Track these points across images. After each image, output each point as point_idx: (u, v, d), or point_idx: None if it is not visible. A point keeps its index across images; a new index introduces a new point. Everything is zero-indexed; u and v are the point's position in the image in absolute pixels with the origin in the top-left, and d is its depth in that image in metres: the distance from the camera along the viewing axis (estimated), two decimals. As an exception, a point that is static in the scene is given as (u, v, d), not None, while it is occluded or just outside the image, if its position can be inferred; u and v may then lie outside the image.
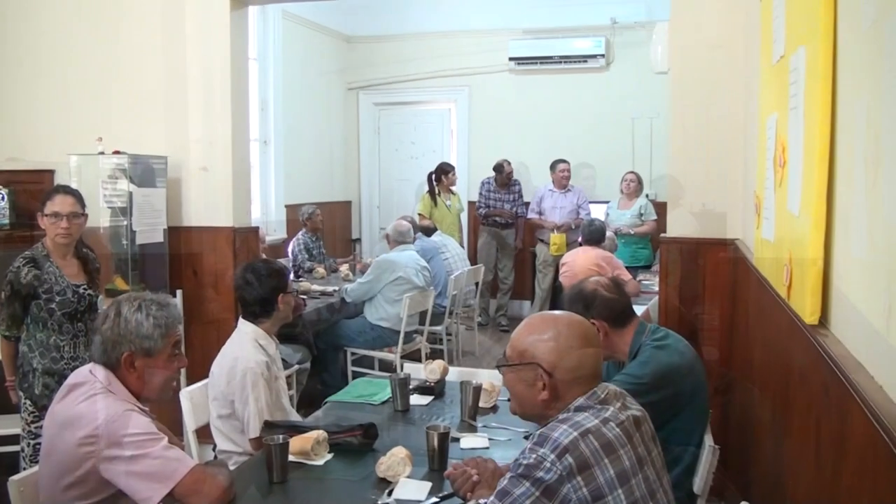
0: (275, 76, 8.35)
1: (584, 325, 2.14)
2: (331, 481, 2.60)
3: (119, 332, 2.39)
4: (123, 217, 4.76)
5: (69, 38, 5.26)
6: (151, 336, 2.40)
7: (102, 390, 2.33)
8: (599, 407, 2.00)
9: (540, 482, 1.86)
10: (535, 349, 2.08)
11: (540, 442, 1.92)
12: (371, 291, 6.00)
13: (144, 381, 2.42)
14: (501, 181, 8.70)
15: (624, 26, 8.91)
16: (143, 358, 2.40)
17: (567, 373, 2.04)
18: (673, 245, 4.33)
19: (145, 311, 2.42)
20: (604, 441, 1.90)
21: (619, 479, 1.88)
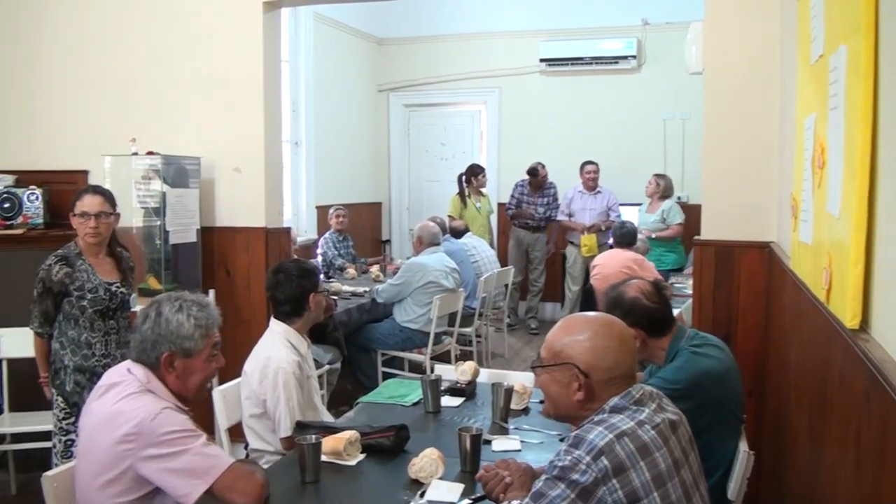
0: (306, 78, 8.39)
1: (619, 326, 2.13)
2: (363, 482, 2.60)
3: (160, 331, 2.41)
4: (157, 217, 4.79)
5: (104, 41, 5.31)
6: (192, 336, 2.42)
7: (141, 389, 2.35)
8: (635, 408, 1.99)
9: (575, 484, 1.86)
10: (571, 350, 2.07)
11: (575, 444, 1.91)
12: (401, 294, 6.01)
13: (183, 381, 2.44)
14: (536, 184, 8.67)
15: (655, 27, 8.87)
16: (182, 358, 2.42)
17: (603, 373, 2.04)
18: (707, 248, 4.29)
19: (186, 311, 2.44)
20: (640, 444, 1.90)
21: (654, 482, 1.87)
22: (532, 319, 8.94)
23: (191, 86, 5.16)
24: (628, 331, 2.15)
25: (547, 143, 9.24)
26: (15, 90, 5.38)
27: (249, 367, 3.26)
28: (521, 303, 9.17)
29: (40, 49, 5.38)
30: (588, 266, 7.81)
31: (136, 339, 2.44)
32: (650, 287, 3.02)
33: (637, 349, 2.18)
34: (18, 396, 4.57)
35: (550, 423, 3.04)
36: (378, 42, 10.13)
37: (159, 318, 2.42)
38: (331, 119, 8.90)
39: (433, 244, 6.26)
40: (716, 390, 2.85)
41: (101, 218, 3.70)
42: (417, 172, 10.44)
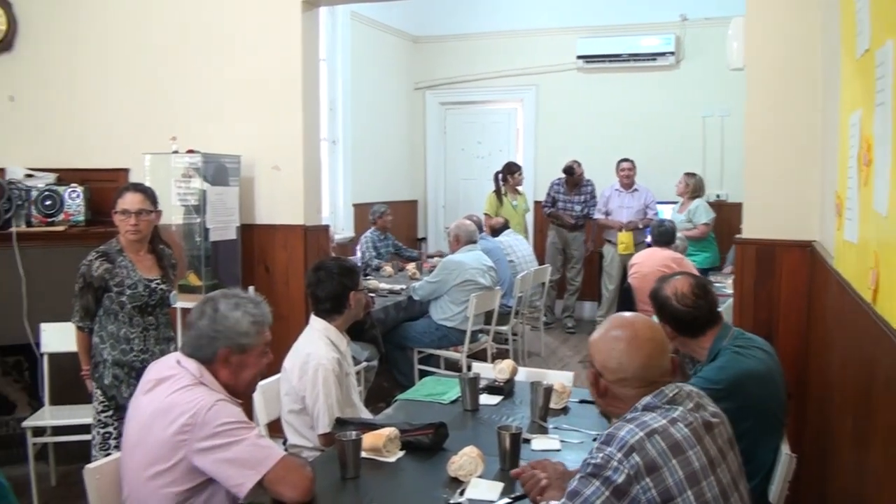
0: (343, 76, 8.43)
1: (636, 328, 2.13)
2: (402, 478, 2.61)
3: (217, 328, 2.45)
4: (197, 214, 4.83)
5: (143, 40, 5.38)
6: (248, 333, 2.48)
7: (194, 382, 2.39)
8: (668, 407, 2.00)
9: (609, 481, 1.87)
10: (592, 348, 2.16)
11: (607, 441, 1.93)
12: (437, 291, 6.01)
13: (236, 376, 2.49)
14: (572, 183, 8.63)
15: (694, 22, 8.78)
16: (238, 354, 2.47)
17: (611, 374, 2.10)
18: (748, 246, 4.24)
19: (242, 308, 2.49)
20: (671, 442, 1.90)
21: (688, 480, 1.87)
22: (569, 318, 8.90)
23: (231, 85, 5.21)
24: (657, 335, 2.15)
25: (584, 141, 9.19)
26: (57, 90, 5.46)
27: (289, 363, 3.28)
28: (557, 301, 9.13)
29: (81, 49, 5.45)
30: (625, 264, 7.77)
31: (191, 335, 2.48)
32: (687, 288, 2.99)
33: (668, 349, 2.17)
34: (59, 390, 4.65)
35: (590, 423, 3.03)
36: (414, 40, 10.15)
37: (216, 315, 2.46)
38: (367, 117, 8.93)
39: (470, 242, 6.26)
40: (757, 392, 2.81)
41: (142, 215, 3.74)
42: (453, 170, 10.45)
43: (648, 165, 8.55)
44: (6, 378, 5.20)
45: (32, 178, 5.15)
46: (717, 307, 3.06)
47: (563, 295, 9.03)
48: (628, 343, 2.08)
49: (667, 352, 2.14)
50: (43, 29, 5.42)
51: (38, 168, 5.24)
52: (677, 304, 2.96)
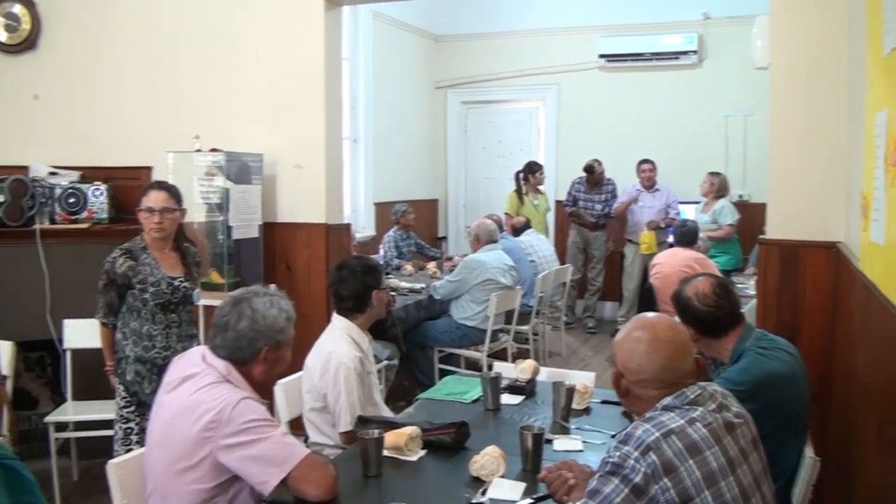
0: (365, 75, 8.45)
1: (657, 330, 2.13)
2: (424, 477, 2.61)
3: (257, 328, 2.47)
4: (220, 213, 4.86)
5: (168, 39, 5.42)
6: (283, 330, 2.53)
7: (220, 379, 2.41)
8: (687, 407, 2.00)
9: (628, 479, 1.88)
10: (615, 348, 2.17)
11: (624, 440, 1.94)
12: (458, 291, 6.01)
13: (270, 371, 2.54)
14: (592, 181, 8.61)
15: (717, 21, 8.73)
16: (274, 351, 2.51)
17: (632, 374, 2.10)
18: (772, 247, 4.21)
19: (277, 306, 2.54)
20: (688, 442, 1.90)
21: (705, 480, 1.87)
22: (589, 318, 8.87)
23: (254, 83, 5.24)
24: (679, 337, 2.15)
25: (605, 140, 9.15)
26: (80, 88, 5.49)
27: (311, 361, 3.29)
28: (578, 301, 9.11)
29: (104, 48, 5.49)
30: (647, 264, 7.74)
31: (228, 337, 2.48)
32: (708, 288, 2.97)
33: (690, 351, 2.16)
34: (81, 385, 4.69)
35: (612, 424, 3.02)
36: (435, 39, 10.15)
37: (256, 315, 2.48)
38: (389, 116, 8.95)
39: (490, 242, 6.25)
40: (780, 393, 2.79)
41: (165, 213, 3.75)
42: (474, 170, 10.44)
43: (670, 165, 8.50)
44: (29, 374, 5.24)
45: (56, 175, 5.19)
46: (739, 307, 3.04)
47: (583, 295, 9.00)
48: (648, 345, 2.09)
49: (689, 354, 2.13)
50: (66, 28, 5.45)
51: (62, 166, 5.28)
52: (699, 305, 2.95)
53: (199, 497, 2.34)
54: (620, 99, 9.25)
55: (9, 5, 5.28)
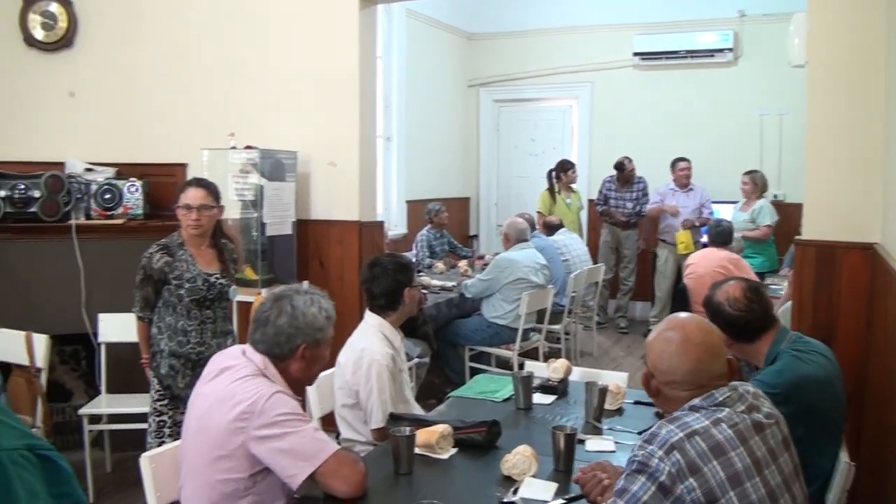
0: (398, 73, 8.46)
1: (688, 331, 2.12)
2: (455, 476, 2.61)
3: (297, 325, 2.50)
4: (254, 209, 4.89)
5: (203, 38, 5.46)
6: (323, 328, 2.55)
7: (256, 372, 2.44)
8: (714, 409, 1.99)
9: (654, 477, 1.88)
10: (647, 349, 2.17)
11: (649, 439, 1.94)
12: (490, 289, 6.00)
13: (307, 369, 2.56)
14: (623, 179, 8.56)
15: (752, 18, 8.63)
16: (312, 349, 2.53)
17: (662, 376, 2.11)
18: (807, 248, 4.15)
19: (317, 304, 2.56)
20: (712, 443, 1.89)
21: (730, 481, 1.86)
22: (621, 318, 8.82)
23: (289, 82, 5.26)
24: (710, 339, 2.13)
25: (639, 139, 9.08)
26: (116, 86, 5.54)
27: (343, 357, 3.30)
28: (610, 301, 9.06)
29: (140, 46, 5.53)
30: (680, 265, 7.68)
31: (268, 332, 2.51)
32: (738, 292, 2.95)
33: (721, 352, 2.14)
34: (115, 379, 4.75)
35: (644, 425, 3.00)
36: (468, 37, 10.14)
37: (295, 312, 2.51)
38: (421, 114, 8.95)
39: (520, 241, 6.23)
40: (816, 397, 2.75)
41: (203, 211, 3.76)
42: (506, 168, 10.42)
43: (704, 164, 8.41)
44: (64, 366, 5.31)
45: (92, 172, 5.24)
46: (771, 310, 3.01)
47: (615, 294, 8.95)
48: (679, 346, 2.08)
49: (720, 355, 2.11)
50: (102, 26, 5.50)
51: (98, 162, 5.33)
52: (730, 310, 2.93)
53: (231, 487, 2.36)
54: (654, 97, 9.18)
55: (45, 4, 5.34)
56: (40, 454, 0.86)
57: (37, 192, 4.87)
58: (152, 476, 2.52)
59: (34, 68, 5.38)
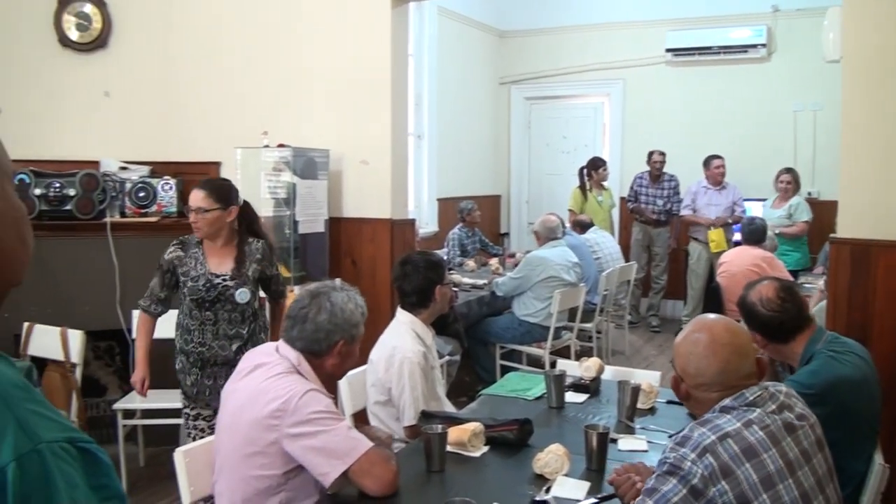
0: (429, 71, 8.46)
1: (714, 333, 2.11)
2: (487, 473, 2.61)
3: (336, 321, 2.53)
4: (286, 207, 4.92)
5: (237, 37, 5.48)
6: (359, 324, 2.59)
7: (289, 370, 2.46)
8: (745, 409, 1.98)
9: (685, 480, 1.87)
10: (674, 352, 2.18)
11: (681, 442, 1.94)
12: (521, 287, 5.99)
13: (341, 364, 2.59)
14: (654, 175, 8.51)
15: (786, 13, 8.52)
16: (348, 345, 2.56)
17: (690, 379, 2.10)
18: (843, 246, 4.09)
19: (353, 301, 2.60)
20: (744, 445, 1.88)
21: (762, 484, 1.85)
22: (653, 317, 8.75)
23: (321, 80, 5.28)
24: (738, 341, 2.11)
25: (671, 136, 9.00)
26: (150, 85, 5.58)
27: (376, 355, 3.31)
28: (642, 300, 9.01)
29: (173, 46, 5.57)
30: (713, 263, 7.62)
31: (307, 329, 2.53)
32: (772, 292, 2.92)
33: (749, 352, 2.12)
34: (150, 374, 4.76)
35: (677, 424, 2.98)
36: (500, 35, 10.12)
37: (334, 308, 2.54)
38: (452, 112, 8.95)
39: (551, 239, 6.20)
40: (851, 398, 2.72)
41: (200, 213, 3.63)
42: (537, 165, 10.39)
43: (737, 161, 8.33)
44: (98, 362, 5.37)
45: (126, 170, 5.29)
46: (806, 310, 2.98)
47: (647, 293, 8.89)
48: (706, 348, 2.08)
49: (748, 355, 2.10)
50: (136, 27, 5.55)
51: (132, 161, 5.38)
52: (763, 310, 2.90)
53: (265, 483, 2.38)
54: (687, 94, 9.10)
55: (80, 5, 5.39)
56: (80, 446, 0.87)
57: (72, 191, 4.93)
58: (186, 471, 2.54)
59: (69, 69, 5.43)
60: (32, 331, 4.40)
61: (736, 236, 7.64)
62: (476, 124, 9.72)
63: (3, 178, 0.98)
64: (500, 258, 7.59)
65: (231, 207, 3.73)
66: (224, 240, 3.75)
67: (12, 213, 1.00)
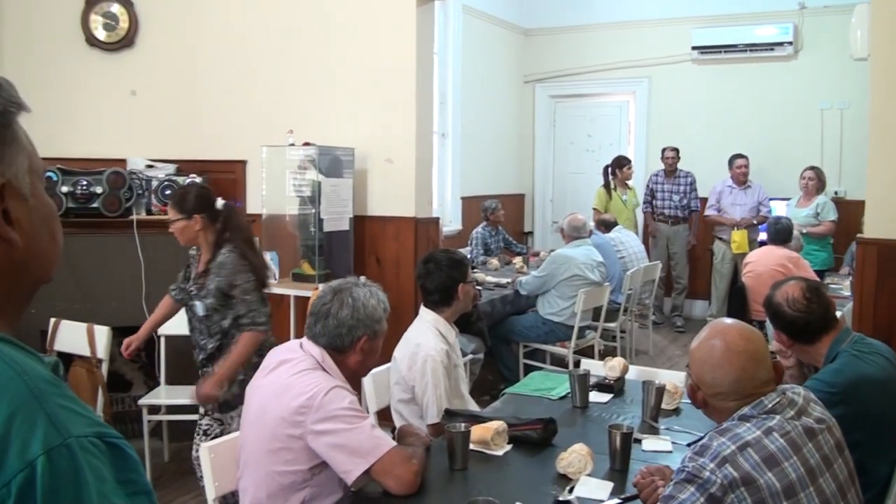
0: (454, 70, 8.45)
1: (739, 341, 2.08)
2: (510, 472, 2.60)
3: (359, 316, 2.54)
4: (311, 205, 4.94)
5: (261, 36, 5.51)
6: (381, 320, 2.60)
7: (314, 366, 2.48)
8: (764, 417, 1.96)
9: (704, 489, 1.85)
10: (690, 359, 2.16)
11: (700, 452, 1.92)
12: (545, 286, 5.97)
13: (364, 360, 2.59)
14: (667, 171, 8.47)
15: (813, 10, 8.43)
16: (371, 341, 2.57)
17: (708, 388, 2.08)
18: (870, 247, 4.06)
19: (375, 297, 2.60)
20: (765, 454, 1.86)
21: (785, 493, 1.83)
22: (678, 317, 8.68)
23: (346, 79, 5.30)
24: (741, 345, 2.08)
25: (696, 135, 8.94)
26: (176, 84, 5.63)
27: (399, 353, 3.32)
28: (665, 299, 8.95)
29: (199, 45, 5.61)
30: (737, 263, 7.57)
31: (329, 325, 2.54)
32: (798, 292, 2.89)
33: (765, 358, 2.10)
34: (175, 370, 4.85)
35: (701, 425, 2.95)
36: (524, 33, 10.10)
37: (356, 304, 2.55)
38: (476, 111, 8.93)
39: (575, 237, 6.18)
40: (874, 399, 2.68)
41: (171, 224, 3.65)
42: (562, 164, 10.35)
43: (763, 160, 8.28)
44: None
45: (153, 168, 5.34)
46: (832, 311, 2.95)
47: (670, 293, 8.84)
48: (721, 356, 2.05)
49: (764, 361, 2.08)
50: (163, 27, 5.59)
51: (159, 159, 5.43)
52: (789, 310, 2.87)
53: (289, 479, 2.40)
54: (713, 92, 9.03)
55: (107, 5, 5.44)
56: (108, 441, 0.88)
57: (99, 188, 4.98)
58: (211, 466, 2.56)
59: (96, 68, 5.49)
60: (59, 326, 4.45)
61: (761, 236, 7.57)
62: (500, 123, 9.71)
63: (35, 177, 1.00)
64: (524, 257, 7.58)
65: (196, 216, 3.59)
66: (205, 248, 3.67)
67: (43, 210, 1.01)
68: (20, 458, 0.81)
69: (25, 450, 0.82)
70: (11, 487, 0.80)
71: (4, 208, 0.94)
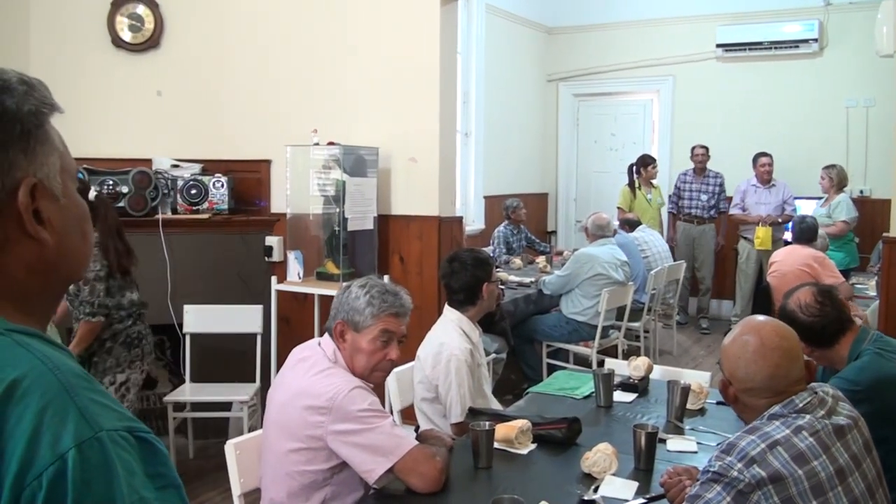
0: (477, 69, 8.44)
1: (763, 336, 2.07)
2: (535, 471, 2.60)
3: (340, 301, 2.58)
4: (335, 205, 4.96)
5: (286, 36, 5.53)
6: (361, 311, 2.53)
7: (331, 364, 2.49)
8: (794, 416, 1.94)
9: (731, 486, 1.85)
10: (722, 355, 2.14)
11: (727, 450, 1.91)
12: (569, 285, 5.95)
13: (351, 356, 2.55)
14: (697, 169, 8.41)
15: (838, 7, 8.36)
16: (351, 331, 2.54)
17: (740, 383, 2.07)
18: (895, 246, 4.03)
19: (367, 290, 2.57)
20: (795, 452, 1.85)
21: (813, 491, 1.82)
22: (703, 319, 8.61)
23: (370, 78, 5.30)
24: (776, 342, 2.07)
25: (721, 133, 8.88)
26: (202, 84, 5.64)
27: (423, 352, 3.33)
28: (691, 300, 8.89)
29: (224, 45, 5.62)
30: (763, 263, 7.51)
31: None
32: (810, 297, 2.90)
33: (798, 356, 2.09)
34: (200, 368, 4.89)
35: (727, 426, 2.95)
36: (548, 31, 10.07)
37: (347, 290, 2.59)
38: (500, 110, 8.92)
39: (600, 237, 6.15)
40: None
41: None
42: (585, 163, 10.32)
43: (788, 158, 8.20)
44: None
45: (178, 168, 5.37)
46: (846, 312, 2.94)
47: (696, 293, 8.78)
48: (755, 352, 2.04)
49: (797, 359, 2.07)
50: (188, 27, 5.62)
51: (184, 159, 5.46)
52: (804, 316, 2.88)
53: (310, 478, 2.41)
54: (737, 90, 8.97)
55: (133, 6, 5.48)
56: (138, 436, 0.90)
57: (125, 188, 5.02)
58: (236, 462, 2.58)
59: (122, 68, 5.53)
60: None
61: (786, 235, 7.51)
62: (524, 122, 9.69)
63: (67, 177, 1.01)
64: (547, 256, 7.56)
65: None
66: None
67: (75, 211, 1.03)
68: (51, 450, 0.83)
69: (57, 443, 0.83)
70: (43, 480, 0.81)
71: (36, 208, 0.95)
